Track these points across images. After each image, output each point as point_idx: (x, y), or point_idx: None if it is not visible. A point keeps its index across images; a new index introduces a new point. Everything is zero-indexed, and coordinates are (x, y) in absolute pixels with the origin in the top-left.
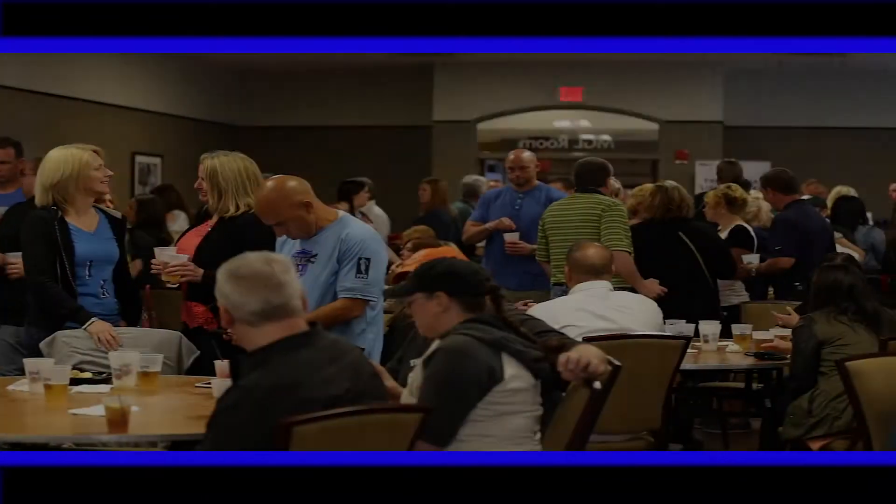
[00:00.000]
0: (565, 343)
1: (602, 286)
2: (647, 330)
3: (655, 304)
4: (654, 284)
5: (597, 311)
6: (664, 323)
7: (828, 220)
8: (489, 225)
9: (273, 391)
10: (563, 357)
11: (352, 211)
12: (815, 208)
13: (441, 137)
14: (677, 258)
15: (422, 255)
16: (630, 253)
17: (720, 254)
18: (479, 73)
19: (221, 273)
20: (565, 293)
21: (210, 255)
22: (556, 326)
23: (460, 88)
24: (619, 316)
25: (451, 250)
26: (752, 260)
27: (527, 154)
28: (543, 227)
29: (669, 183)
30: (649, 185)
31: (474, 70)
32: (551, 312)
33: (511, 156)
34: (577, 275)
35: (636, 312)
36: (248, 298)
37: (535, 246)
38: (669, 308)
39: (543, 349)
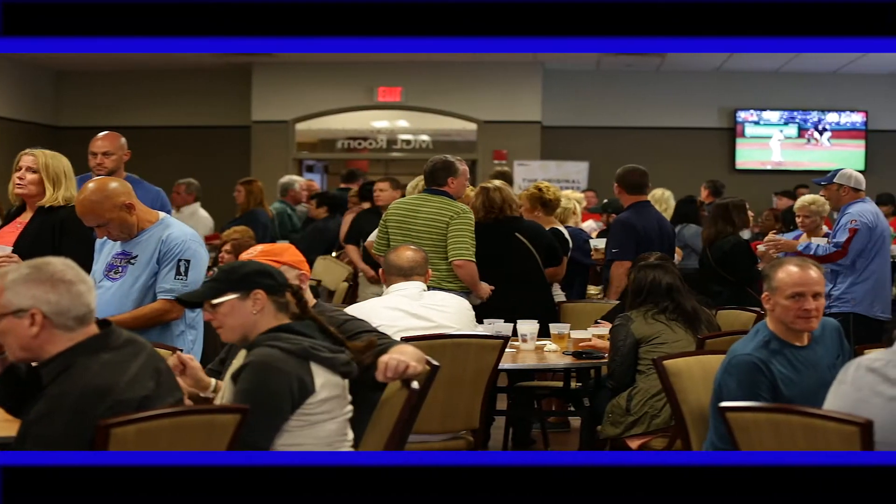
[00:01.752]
0: (382, 344)
1: (415, 286)
2: (463, 327)
3: (468, 302)
4: (486, 287)
5: (411, 310)
6: (482, 322)
7: (668, 221)
8: None
9: (84, 397)
10: (381, 364)
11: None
12: (655, 209)
13: (260, 138)
14: (518, 258)
15: (259, 251)
16: (474, 262)
17: (552, 251)
18: (297, 74)
19: (36, 278)
20: None
21: (30, 247)
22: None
23: (279, 89)
24: (435, 314)
25: (290, 247)
26: (598, 245)
27: (122, 140)
28: (386, 223)
29: (492, 183)
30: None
31: (293, 70)
32: (365, 312)
33: (98, 137)
34: (390, 276)
35: (451, 311)
36: (77, 302)
37: None
38: (514, 308)
39: (352, 351)
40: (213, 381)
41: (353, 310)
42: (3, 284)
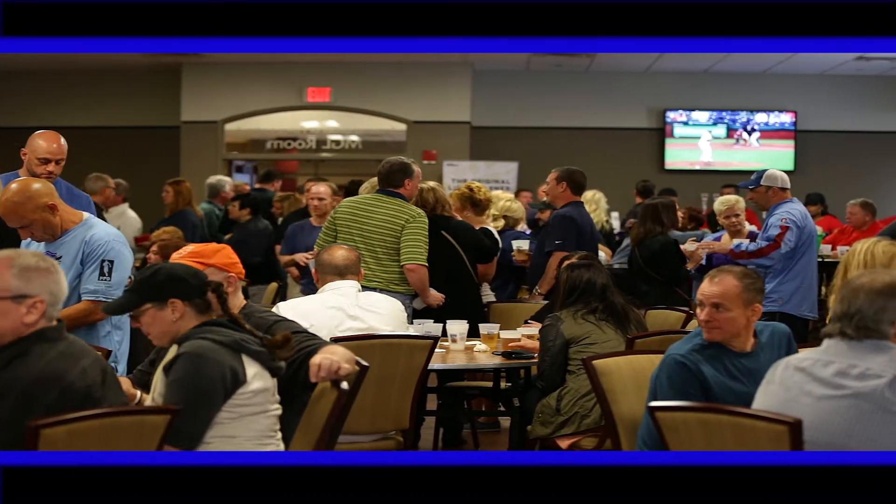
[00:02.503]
0: (311, 345)
1: (350, 285)
2: (395, 330)
3: (401, 305)
4: (437, 294)
5: (349, 310)
6: (412, 322)
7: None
8: None
9: (36, 383)
10: (313, 365)
11: None
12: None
13: (189, 138)
14: (445, 257)
15: (189, 252)
16: (427, 267)
17: (481, 250)
18: (227, 74)
19: (44, 268)
20: None
21: None
22: (306, 324)
23: (208, 89)
24: (368, 316)
25: (223, 248)
26: (521, 246)
27: (63, 142)
28: (335, 222)
29: (427, 184)
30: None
31: (222, 70)
32: (302, 310)
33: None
34: (324, 275)
35: (384, 312)
36: (64, 296)
37: None
38: (442, 308)
39: (268, 346)
40: (137, 393)
41: (291, 306)
42: (11, 269)
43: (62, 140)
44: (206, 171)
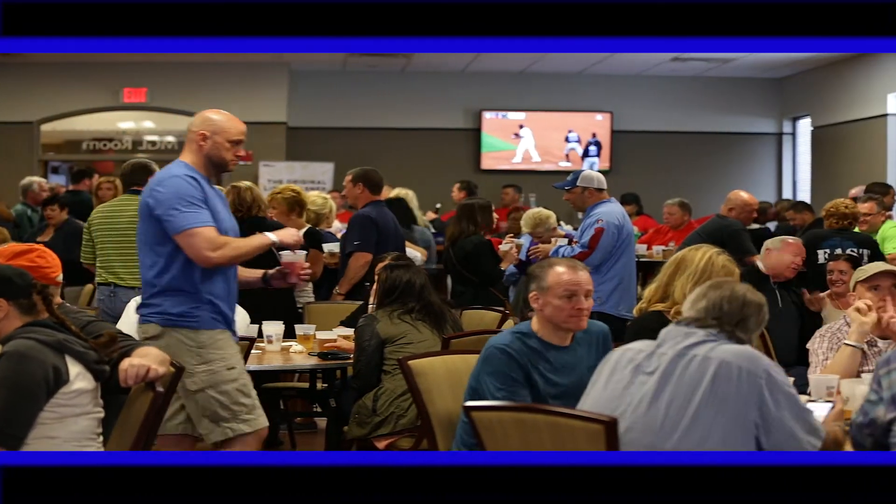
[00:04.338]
0: (125, 346)
1: None
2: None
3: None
4: None
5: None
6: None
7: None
8: None
9: None
10: (121, 371)
11: None
12: (389, 210)
13: (4, 139)
14: (259, 259)
15: (10, 253)
16: None
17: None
18: (41, 74)
19: None
20: (112, 294)
21: None
22: None
23: (23, 89)
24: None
25: (39, 247)
26: (333, 249)
27: None
28: (90, 229)
29: (243, 183)
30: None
31: (37, 70)
32: None
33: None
34: None
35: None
36: None
37: None
38: (255, 308)
39: (96, 348)
40: None
41: None
42: None
43: None
44: (22, 173)
